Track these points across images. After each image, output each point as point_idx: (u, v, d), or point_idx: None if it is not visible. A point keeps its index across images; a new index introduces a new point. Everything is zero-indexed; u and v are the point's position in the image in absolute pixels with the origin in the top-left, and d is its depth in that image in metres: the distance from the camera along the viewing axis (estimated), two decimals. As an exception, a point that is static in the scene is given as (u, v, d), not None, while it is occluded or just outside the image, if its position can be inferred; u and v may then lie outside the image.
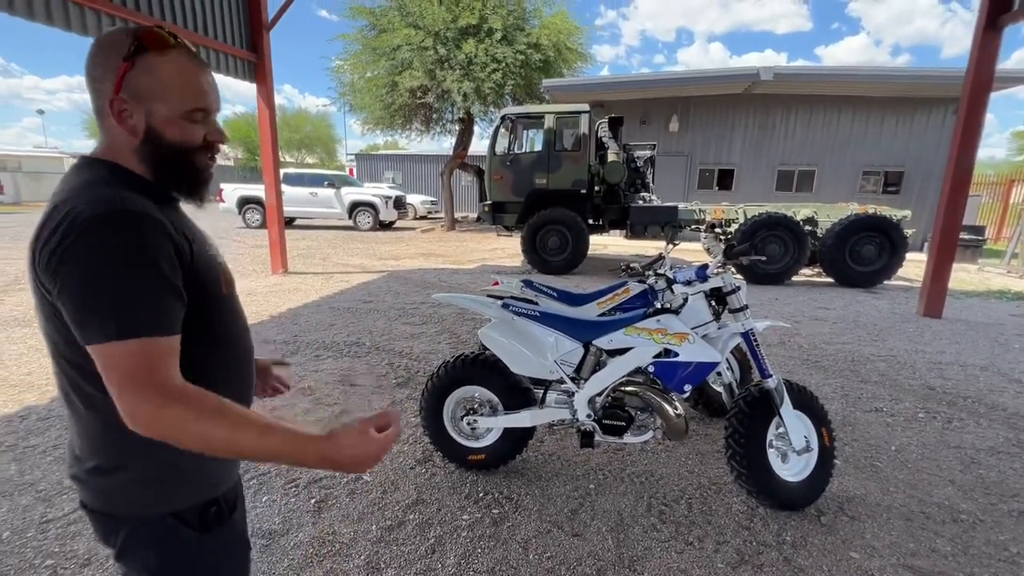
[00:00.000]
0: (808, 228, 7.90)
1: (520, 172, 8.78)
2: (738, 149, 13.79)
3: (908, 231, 7.61)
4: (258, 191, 13.62)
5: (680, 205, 8.77)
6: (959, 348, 4.80)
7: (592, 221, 9.04)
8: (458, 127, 15.69)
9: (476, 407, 2.43)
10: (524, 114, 9.01)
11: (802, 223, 7.82)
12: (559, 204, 8.49)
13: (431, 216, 20.19)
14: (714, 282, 2.24)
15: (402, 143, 21.09)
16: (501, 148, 8.89)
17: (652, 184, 9.65)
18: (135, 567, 0.84)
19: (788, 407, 2.16)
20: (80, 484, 0.84)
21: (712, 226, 8.69)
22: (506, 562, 1.91)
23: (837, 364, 4.27)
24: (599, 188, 8.89)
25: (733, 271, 2.33)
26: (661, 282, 2.65)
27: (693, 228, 8.88)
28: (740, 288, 2.24)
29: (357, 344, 4.47)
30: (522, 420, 2.34)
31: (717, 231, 8.65)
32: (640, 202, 9.11)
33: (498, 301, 2.39)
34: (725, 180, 14.12)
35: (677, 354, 2.11)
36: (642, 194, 9.34)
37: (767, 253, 7.68)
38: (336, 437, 0.76)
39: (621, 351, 2.18)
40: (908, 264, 8.20)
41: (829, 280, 8.14)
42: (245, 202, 14.41)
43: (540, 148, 8.74)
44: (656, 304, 2.51)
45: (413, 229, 15.98)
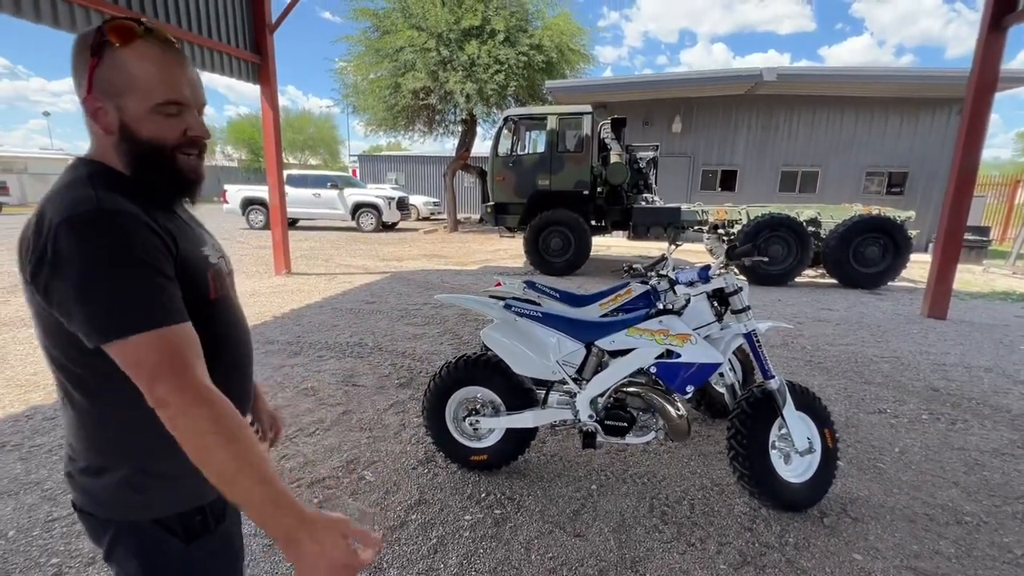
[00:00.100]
0: (811, 229, 7.87)
1: (523, 173, 8.78)
2: (741, 150, 13.77)
3: (912, 232, 7.58)
4: (262, 192, 13.66)
5: (683, 206, 8.76)
6: (963, 349, 4.78)
7: (595, 222, 9.03)
8: (461, 128, 15.71)
9: (478, 408, 2.44)
10: (527, 115, 9.01)
11: (805, 224, 7.80)
12: (562, 205, 8.48)
13: (434, 217, 20.22)
14: (716, 283, 2.24)
15: (405, 144, 21.13)
16: (504, 149, 8.90)
17: (655, 185, 9.63)
18: (120, 570, 0.83)
19: (790, 408, 2.16)
20: (71, 483, 0.83)
21: (715, 227, 8.68)
22: (508, 563, 1.91)
23: (840, 365, 4.26)
24: (602, 189, 8.89)
25: (736, 272, 2.33)
26: (663, 283, 2.66)
27: (696, 229, 8.87)
28: (742, 289, 2.24)
29: (360, 345, 4.48)
30: (524, 421, 2.35)
31: (720, 232, 8.64)
32: (643, 203, 9.10)
33: (500, 302, 2.40)
34: (728, 181, 14.09)
35: (679, 355, 2.11)
36: (645, 195, 9.33)
37: (770, 254, 7.66)
38: (314, 525, 0.71)
39: (623, 352, 2.18)
40: (912, 265, 8.17)
41: (832, 281, 8.12)
42: (249, 203, 14.47)
43: (543, 149, 8.74)
44: (658, 305, 2.51)
45: (416, 230, 16.00)
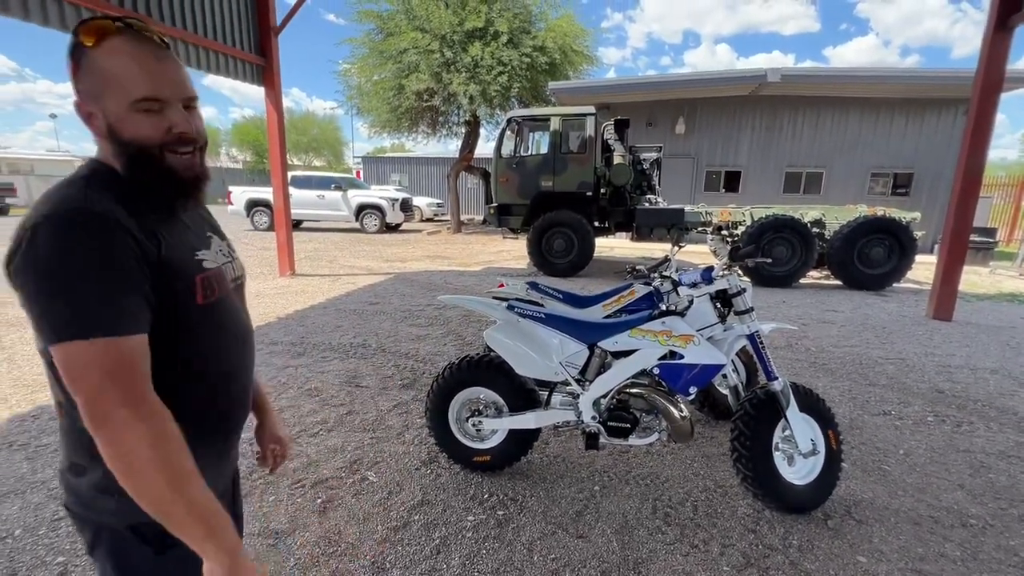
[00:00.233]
0: (816, 230, 7.84)
1: (526, 174, 8.79)
2: (745, 151, 13.73)
3: (918, 233, 7.54)
4: (266, 194, 13.74)
5: (686, 207, 8.73)
6: (969, 351, 4.75)
7: (598, 223, 9.02)
8: (464, 129, 15.74)
9: (481, 408, 2.44)
10: (530, 117, 9.02)
11: (810, 225, 7.77)
12: (565, 206, 8.48)
13: (437, 218, 20.24)
14: (719, 284, 2.23)
15: (408, 146, 21.15)
16: (507, 151, 8.90)
17: (658, 186, 9.62)
18: (100, 569, 0.84)
19: (794, 410, 2.15)
20: (60, 481, 0.85)
21: (718, 228, 8.65)
22: (511, 563, 1.91)
23: (845, 367, 4.24)
24: (605, 190, 8.89)
25: (739, 273, 2.32)
26: (667, 284, 2.66)
27: (699, 230, 8.85)
28: (746, 290, 2.23)
29: (363, 346, 4.49)
30: (527, 422, 2.35)
31: (723, 233, 8.62)
32: (646, 204, 9.09)
33: (503, 303, 2.40)
34: (732, 182, 14.06)
35: (682, 356, 2.10)
36: (648, 196, 9.32)
37: (774, 255, 7.64)
38: (241, 566, 0.73)
39: (626, 353, 2.18)
40: (918, 266, 8.12)
41: (837, 283, 8.08)
42: (253, 205, 14.53)
43: (546, 150, 8.74)
44: (661, 306, 2.50)
45: (419, 231, 16.03)
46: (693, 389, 2.13)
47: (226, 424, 0.93)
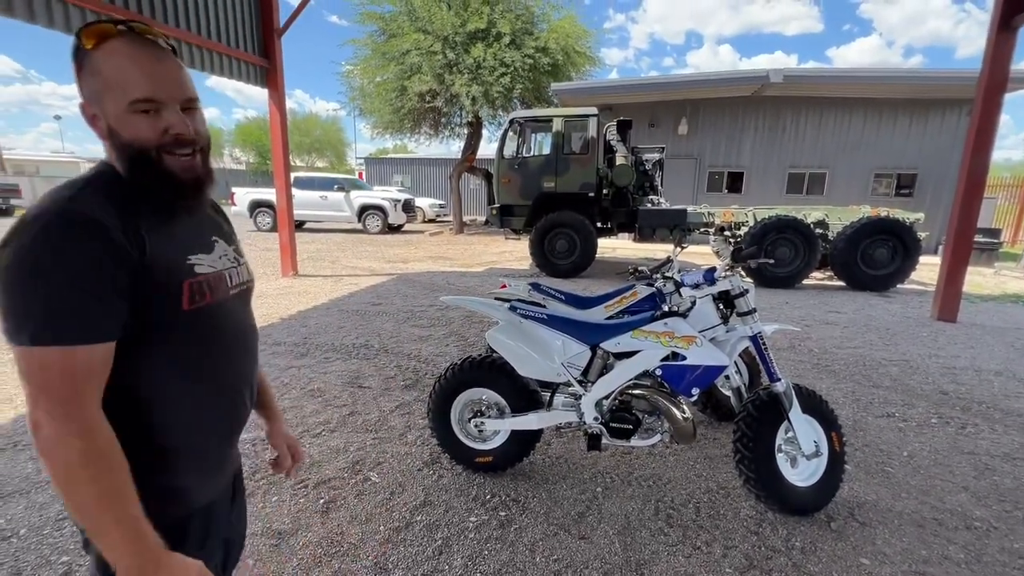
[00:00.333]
0: (819, 231, 7.82)
1: (528, 175, 8.79)
2: (748, 151, 13.71)
3: (921, 234, 7.51)
4: (269, 195, 13.77)
5: (689, 208, 8.73)
6: (974, 353, 4.73)
7: (600, 224, 9.02)
8: (467, 131, 15.77)
9: (483, 409, 2.44)
10: (532, 118, 9.03)
11: (813, 226, 7.75)
12: (567, 207, 8.49)
13: (440, 219, 20.28)
14: (722, 285, 2.23)
15: (411, 147, 21.20)
16: (509, 151, 8.92)
17: (661, 187, 9.62)
18: (90, 566, 0.84)
19: (797, 411, 2.14)
20: None
21: (721, 229, 8.64)
22: (513, 564, 1.91)
23: (848, 368, 4.23)
24: (607, 191, 8.89)
25: (742, 274, 2.32)
26: (669, 285, 2.66)
27: (702, 231, 8.84)
28: (748, 291, 2.23)
29: (366, 346, 4.50)
30: (529, 423, 2.35)
31: (726, 234, 8.61)
32: (648, 205, 9.09)
33: (506, 304, 2.40)
34: (735, 183, 14.04)
35: (685, 357, 2.10)
36: (650, 197, 9.31)
37: (777, 256, 7.62)
38: (170, 568, 0.72)
39: (628, 354, 2.18)
40: (922, 267, 8.09)
41: (840, 284, 8.06)
42: (256, 206, 14.59)
43: (548, 151, 8.75)
44: (664, 307, 2.51)
45: (422, 232, 16.05)
46: (695, 390, 2.12)
47: (220, 428, 0.92)
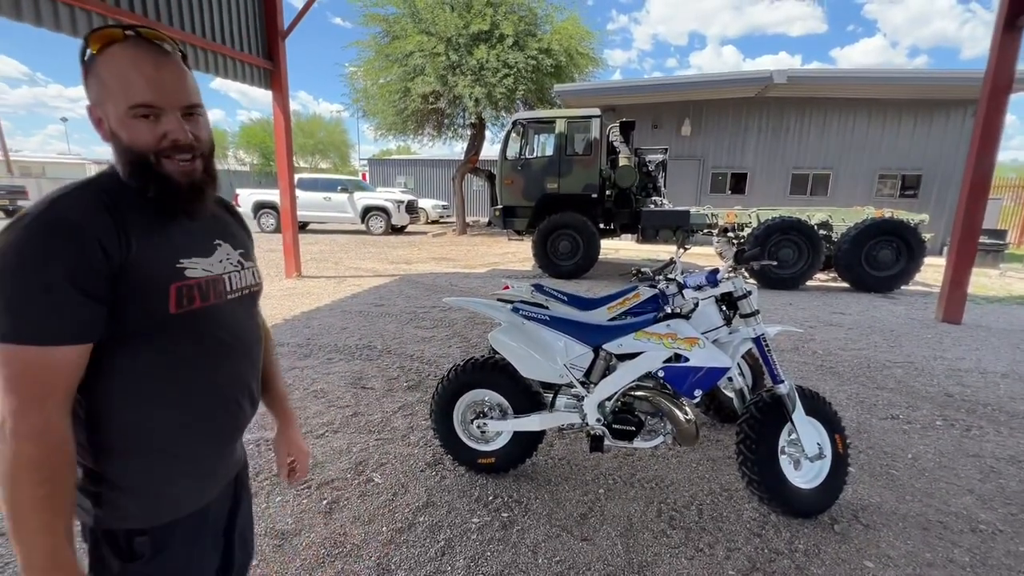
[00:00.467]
0: (823, 232, 7.80)
1: (531, 176, 8.80)
2: (751, 152, 13.68)
3: (926, 235, 7.47)
4: (273, 196, 13.84)
5: (692, 209, 8.71)
6: (979, 355, 4.70)
7: (603, 225, 9.02)
8: (470, 132, 15.80)
9: (486, 411, 2.44)
10: (535, 119, 9.04)
11: (816, 227, 7.72)
12: (570, 208, 8.49)
13: (443, 220, 20.30)
14: (725, 287, 2.23)
15: (414, 148, 21.30)
16: (512, 153, 8.92)
17: (664, 188, 9.61)
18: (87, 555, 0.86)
19: (800, 413, 2.14)
20: None
21: (724, 230, 8.62)
22: (515, 566, 1.91)
23: (852, 370, 4.21)
24: (610, 192, 8.88)
25: (745, 276, 2.32)
26: (672, 287, 2.65)
27: (705, 232, 8.82)
28: (751, 293, 2.23)
29: (369, 347, 4.51)
30: (532, 424, 2.35)
31: (730, 235, 8.58)
32: (652, 206, 9.08)
33: (508, 305, 2.41)
34: (738, 184, 14.00)
35: (687, 359, 2.10)
36: (654, 198, 9.30)
37: (781, 257, 7.60)
38: None
39: (631, 356, 2.18)
40: (927, 269, 8.05)
41: (844, 285, 8.03)
42: (260, 207, 14.62)
43: (551, 153, 8.76)
44: (667, 309, 2.50)
45: (425, 233, 16.07)
46: (698, 392, 2.12)
47: (213, 432, 0.91)
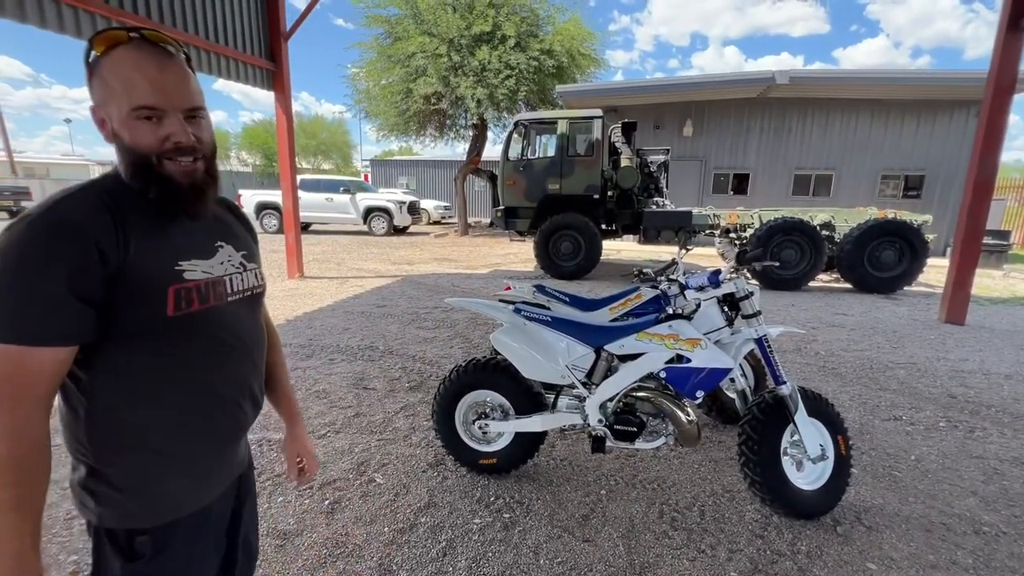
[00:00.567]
0: (825, 233, 7.78)
1: (533, 177, 8.80)
2: (753, 153, 13.65)
3: (929, 236, 7.45)
4: (275, 197, 13.85)
5: (694, 210, 8.70)
6: (982, 356, 4.69)
7: (605, 226, 9.01)
8: (472, 133, 15.82)
9: (488, 411, 2.44)
10: (537, 120, 9.04)
11: (819, 228, 7.71)
12: (572, 209, 8.49)
13: (445, 221, 20.32)
14: (727, 287, 2.22)
15: (416, 149, 21.28)
16: (514, 153, 8.93)
17: (666, 189, 9.60)
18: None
19: (803, 414, 2.13)
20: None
21: (727, 231, 8.60)
22: (517, 566, 1.91)
23: (855, 371, 4.20)
24: (612, 193, 8.87)
25: (748, 276, 2.31)
26: (674, 287, 2.65)
27: (707, 233, 8.81)
28: (753, 293, 2.22)
29: (371, 348, 4.52)
30: (533, 425, 2.35)
31: (732, 236, 8.57)
32: (653, 207, 9.07)
33: (510, 306, 2.41)
34: (740, 184, 13.97)
35: (689, 360, 2.10)
36: (655, 199, 9.30)
37: (783, 258, 7.58)
38: None
39: (633, 356, 2.18)
40: (930, 270, 8.03)
41: (847, 286, 8.01)
42: (263, 208, 14.66)
43: (553, 153, 8.76)
44: (668, 310, 2.50)
45: (427, 234, 16.09)
46: (700, 393, 2.12)
47: (211, 433, 0.92)
